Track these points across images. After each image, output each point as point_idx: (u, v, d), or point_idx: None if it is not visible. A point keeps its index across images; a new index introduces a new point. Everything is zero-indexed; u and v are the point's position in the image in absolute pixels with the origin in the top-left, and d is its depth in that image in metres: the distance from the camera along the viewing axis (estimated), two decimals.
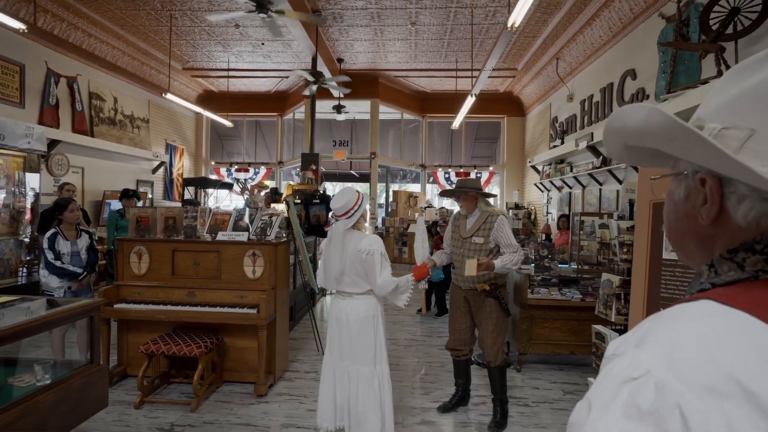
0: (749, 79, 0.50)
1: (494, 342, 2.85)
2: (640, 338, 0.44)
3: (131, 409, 3.00)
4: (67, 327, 3.51)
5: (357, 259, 2.40)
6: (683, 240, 0.57)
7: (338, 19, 6.87)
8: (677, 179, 0.57)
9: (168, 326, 3.50)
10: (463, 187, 2.90)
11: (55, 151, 6.67)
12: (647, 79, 5.30)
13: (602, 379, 0.44)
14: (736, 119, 0.49)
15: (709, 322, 0.42)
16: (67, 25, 6.63)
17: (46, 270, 3.43)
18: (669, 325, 0.44)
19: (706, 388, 0.37)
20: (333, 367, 2.50)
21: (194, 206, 3.99)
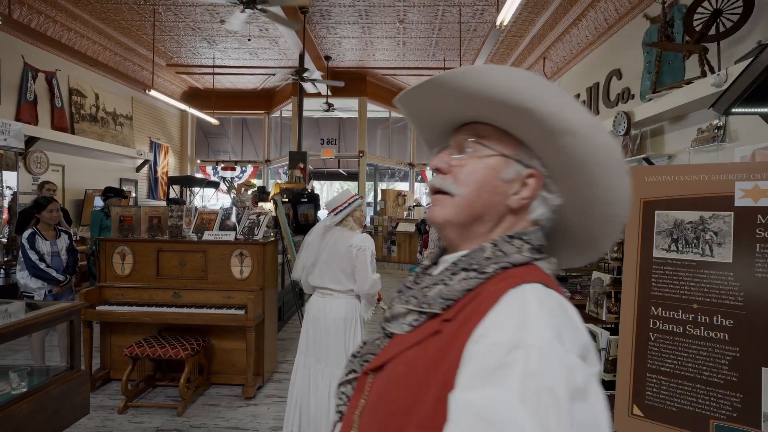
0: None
1: None
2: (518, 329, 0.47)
3: (115, 414, 2.92)
4: (47, 331, 3.40)
5: (346, 254, 2.34)
6: (483, 210, 0.60)
7: (326, 16, 6.80)
8: (506, 161, 0.60)
9: (153, 328, 3.42)
10: None
11: (33, 149, 6.48)
12: (633, 79, 5.36)
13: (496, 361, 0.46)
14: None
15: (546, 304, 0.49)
16: (45, 18, 6.42)
17: (26, 271, 3.31)
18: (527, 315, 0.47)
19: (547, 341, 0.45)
20: (308, 372, 2.38)
21: (179, 205, 3.90)
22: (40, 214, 3.44)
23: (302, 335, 2.46)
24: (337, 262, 2.36)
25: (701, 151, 3.98)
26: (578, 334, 0.48)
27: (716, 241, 1.59)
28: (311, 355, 2.39)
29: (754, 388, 1.46)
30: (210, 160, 11.68)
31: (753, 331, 1.49)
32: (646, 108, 4.53)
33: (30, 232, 3.40)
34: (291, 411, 2.41)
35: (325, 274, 2.38)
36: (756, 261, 1.51)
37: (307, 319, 2.43)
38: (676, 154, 4.40)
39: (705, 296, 1.59)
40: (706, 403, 1.54)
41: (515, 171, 0.59)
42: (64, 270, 3.55)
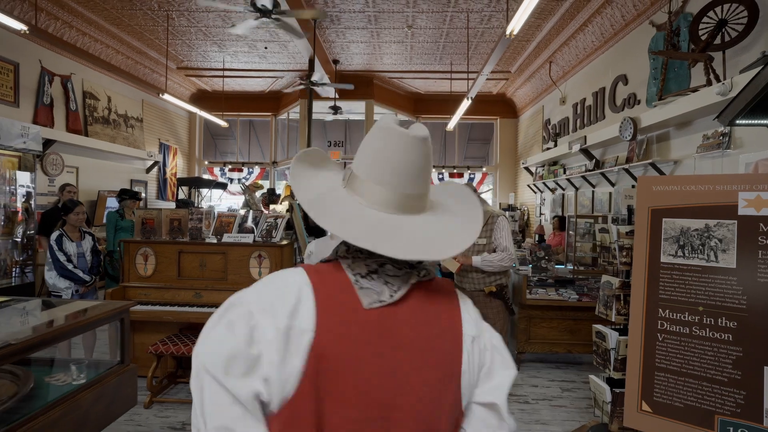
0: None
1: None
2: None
3: (141, 409, 3.05)
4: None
5: None
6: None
7: (335, 21, 6.93)
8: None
9: (174, 327, 3.54)
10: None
11: (49, 151, 6.62)
12: (638, 85, 5.46)
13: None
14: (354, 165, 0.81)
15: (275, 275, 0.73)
16: (62, 23, 6.58)
17: (54, 271, 3.46)
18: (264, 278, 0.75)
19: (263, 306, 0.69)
20: None
21: (190, 207, 4.02)
22: (67, 217, 3.58)
23: None
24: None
25: (706, 157, 4.08)
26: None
27: (721, 248, 1.70)
28: None
29: (757, 385, 1.57)
30: (217, 162, 11.82)
31: (756, 333, 1.60)
32: (652, 114, 4.64)
33: (58, 234, 3.55)
34: None
35: None
36: (758, 266, 1.62)
37: None
38: (682, 159, 4.50)
39: (710, 299, 1.70)
40: (711, 400, 1.65)
41: None
42: (89, 270, 3.70)
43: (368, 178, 0.71)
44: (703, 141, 4.10)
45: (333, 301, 0.66)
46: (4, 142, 5.09)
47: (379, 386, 0.65)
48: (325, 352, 0.63)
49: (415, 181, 0.72)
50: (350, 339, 0.65)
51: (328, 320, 0.64)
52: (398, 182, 0.70)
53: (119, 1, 6.35)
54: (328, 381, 0.63)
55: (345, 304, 0.67)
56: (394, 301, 0.68)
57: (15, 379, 1.44)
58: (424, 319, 0.70)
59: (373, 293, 0.67)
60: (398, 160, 0.70)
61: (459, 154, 11.70)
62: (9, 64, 6.08)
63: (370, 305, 0.67)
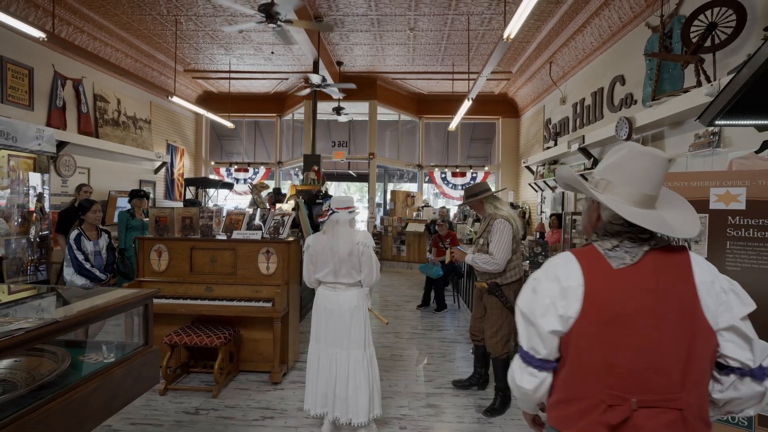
0: (611, 159, 1.15)
1: (493, 335, 3.10)
2: (544, 264, 1.18)
3: (157, 396, 3.23)
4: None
5: (354, 251, 2.64)
6: (585, 225, 1.25)
7: (339, 24, 7.10)
8: (586, 200, 1.24)
9: (186, 320, 3.73)
10: (469, 196, 3.19)
11: (62, 152, 6.84)
12: (635, 85, 5.59)
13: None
14: (605, 175, 1.15)
15: (559, 258, 1.15)
16: (74, 29, 6.79)
17: (72, 269, 3.66)
18: (550, 259, 1.18)
19: (547, 278, 1.12)
20: (321, 355, 2.69)
21: (195, 206, 4.19)
22: (85, 216, 3.78)
23: (315, 325, 2.76)
24: (349, 260, 2.64)
25: (698, 155, 4.21)
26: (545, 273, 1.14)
27: (694, 239, 1.85)
28: (322, 341, 2.70)
29: None
30: (223, 162, 12.03)
31: None
32: (647, 114, 4.77)
33: (76, 233, 3.74)
34: (313, 390, 2.70)
35: (339, 272, 2.66)
36: (726, 256, 1.77)
37: (319, 311, 2.73)
38: (675, 158, 4.63)
39: None
40: None
41: (588, 204, 1.24)
42: (105, 268, 3.90)
43: (626, 185, 1.10)
44: (694, 140, 4.23)
45: (593, 266, 1.07)
46: (20, 144, 5.30)
47: (635, 314, 1.02)
48: (593, 297, 1.05)
49: (659, 187, 1.11)
50: (608, 286, 1.05)
51: (591, 278, 1.06)
52: (651, 187, 1.10)
53: (129, 7, 6.56)
54: (597, 313, 1.04)
55: (601, 268, 1.07)
56: (634, 263, 1.05)
57: (54, 357, 1.62)
58: (662, 271, 1.04)
59: (618, 259, 1.06)
60: (649, 173, 1.09)
61: (461, 154, 11.85)
62: (24, 68, 6.29)
63: (618, 266, 1.05)
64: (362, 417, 2.59)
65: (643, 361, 1.00)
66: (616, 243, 1.09)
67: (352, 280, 2.68)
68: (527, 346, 1.12)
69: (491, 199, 3.15)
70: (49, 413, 1.31)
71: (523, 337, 1.14)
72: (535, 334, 1.10)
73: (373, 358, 2.75)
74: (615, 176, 1.11)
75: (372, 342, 2.79)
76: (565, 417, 1.08)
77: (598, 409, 1.02)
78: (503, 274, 3.07)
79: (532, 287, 1.14)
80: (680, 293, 1.02)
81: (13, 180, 5.37)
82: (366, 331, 2.72)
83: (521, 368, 1.14)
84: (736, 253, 1.74)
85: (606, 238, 1.11)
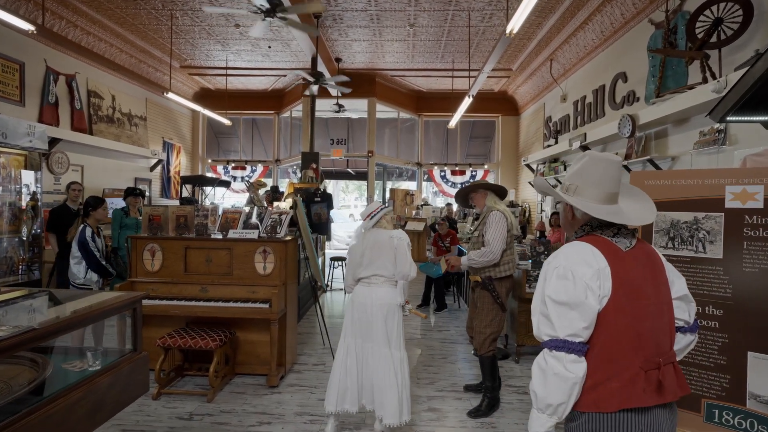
0: (575, 166, 1.35)
1: (480, 332, 3.05)
2: (555, 255, 1.27)
3: (150, 400, 3.14)
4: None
5: (389, 245, 2.71)
6: (565, 226, 1.43)
7: (338, 20, 6.99)
8: (561, 202, 1.41)
9: (180, 321, 3.63)
10: (467, 189, 3.13)
11: (55, 150, 6.72)
12: (637, 82, 5.51)
13: (546, 271, 1.27)
14: (572, 181, 1.34)
15: (575, 246, 1.26)
16: (67, 23, 6.66)
17: (82, 265, 3.61)
18: (564, 249, 1.28)
19: (576, 263, 1.21)
20: (354, 350, 2.68)
21: (192, 204, 4.11)
22: (95, 212, 3.73)
23: (347, 320, 2.77)
24: (382, 252, 2.71)
25: (703, 153, 4.13)
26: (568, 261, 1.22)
27: (708, 239, 1.77)
28: (358, 336, 2.70)
29: (741, 369, 1.64)
30: (221, 160, 11.91)
31: (740, 319, 1.66)
32: (650, 111, 4.69)
33: (91, 231, 3.70)
34: (337, 386, 2.66)
35: (374, 262, 2.71)
36: (744, 257, 1.69)
37: (353, 306, 2.75)
38: (680, 156, 4.55)
39: (698, 288, 1.76)
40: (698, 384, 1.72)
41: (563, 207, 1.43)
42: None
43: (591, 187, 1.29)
44: (699, 137, 4.16)
45: (609, 250, 1.21)
46: (11, 141, 5.18)
47: (644, 287, 1.21)
48: (618, 275, 1.18)
49: (617, 185, 1.31)
50: (625, 265, 1.20)
51: (612, 260, 1.20)
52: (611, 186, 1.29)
53: (123, 1, 6.43)
54: (624, 288, 1.17)
55: (615, 251, 1.22)
56: (632, 247, 1.25)
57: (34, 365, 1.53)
58: (649, 256, 1.27)
59: (623, 243, 1.24)
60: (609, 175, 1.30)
61: (461, 152, 11.76)
62: (14, 63, 6.17)
63: (626, 249, 1.24)
64: (391, 418, 2.54)
65: (657, 326, 1.20)
66: (616, 231, 1.28)
67: (387, 273, 2.72)
68: (566, 333, 1.15)
69: (493, 195, 3.18)
70: (28, 427, 1.21)
71: (561, 326, 1.16)
72: (577, 318, 1.15)
73: (405, 362, 2.70)
74: (581, 180, 1.31)
75: (403, 345, 2.74)
76: (608, 395, 1.14)
77: (639, 377, 1.14)
78: (497, 267, 3.05)
79: (560, 275, 1.20)
80: (659, 270, 1.28)
81: (3, 177, 5.25)
82: (398, 332, 2.72)
83: (562, 359, 1.14)
84: (753, 254, 1.67)
85: (603, 228, 1.28)
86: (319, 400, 3.17)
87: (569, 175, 1.36)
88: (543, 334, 1.20)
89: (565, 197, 1.33)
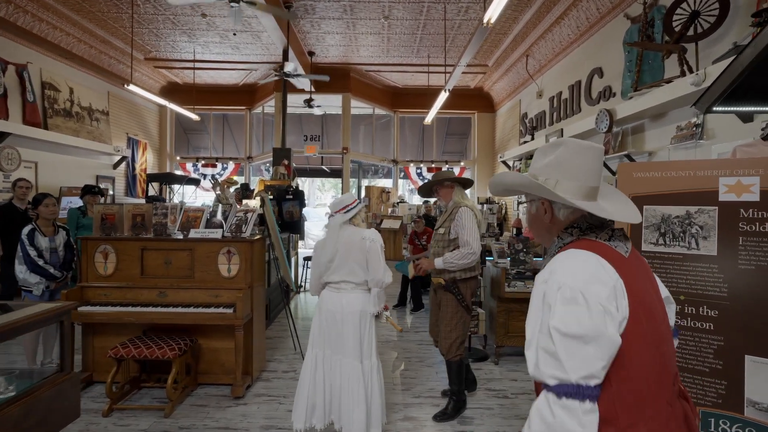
0: (549, 156, 1.10)
1: (446, 336, 2.90)
2: (552, 270, 0.96)
3: (99, 418, 2.85)
4: (41, 332, 3.40)
5: (360, 246, 2.48)
6: (539, 231, 1.17)
7: (310, 11, 6.74)
8: (531, 203, 1.17)
9: (138, 329, 3.34)
10: (435, 180, 2.95)
11: (3, 144, 6.22)
12: (613, 78, 5.49)
13: (546, 293, 0.95)
14: (549, 174, 1.08)
15: (576, 256, 0.97)
16: (14, 8, 6.17)
17: (25, 266, 3.34)
18: (562, 261, 0.97)
19: (587, 281, 0.90)
20: (323, 363, 2.47)
21: (160, 203, 3.82)
22: (38, 210, 3.45)
23: (315, 329, 2.53)
24: (353, 255, 2.47)
25: (680, 148, 4.10)
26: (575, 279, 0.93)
27: (701, 235, 1.65)
28: (327, 347, 2.47)
29: (738, 374, 1.52)
30: (190, 157, 11.44)
31: (736, 321, 1.55)
32: (627, 106, 4.65)
33: (30, 228, 3.47)
34: (305, 401, 2.44)
35: (343, 268, 2.48)
36: (739, 253, 1.58)
37: (320, 314, 2.51)
38: (656, 151, 4.53)
39: (691, 288, 1.65)
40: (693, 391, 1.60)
41: (536, 207, 1.15)
42: (61, 266, 3.53)
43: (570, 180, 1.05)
44: (676, 132, 4.13)
45: (614, 258, 0.97)
46: None
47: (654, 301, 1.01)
48: (632, 289, 0.94)
49: (599, 178, 1.09)
50: (633, 276, 0.97)
51: (621, 270, 0.95)
52: (593, 179, 1.07)
53: None
54: (641, 306, 0.94)
55: (619, 258, 0.98)
56: (630, 252, 1.04)
57: None
58: (641, 260, 1.08)
59: (621, 249, 1.01)
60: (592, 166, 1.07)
61: (437, 149, 11.66)
62: None
63: (626, 253, 1.01)
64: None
65: (671, 347, 1.02)
66: (611, 234, 1.05)
67: (358, 279, 2.50)
68: (581, 375, 0.85)
69: (459, 189, 3.02)
70: None
71: (574, 366, 0.86)
72: (595, 355, 0.86)
73: (375, 371, 2.51)
74: (560, 173, 1.07)
75: (376, 353, 2.55)
76: None
77: (668, 415, 0.94)
78: (463, 269, 2.90)
79: (567, 299, 0.90)
80: (652, 275, 1.12)
81: None
82: (370, 340, 2.51)
83: (576, 411, 0.84)
84: (750, 250, 1.55)
85: (596, 230, 1.05)
86: (287, 411, 2.95)
87: (541, 166, 1.10)
88: (547, 377, 0.89)
89: (558, 194, 1.05)
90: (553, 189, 1.05)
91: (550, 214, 1.10)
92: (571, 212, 1.08)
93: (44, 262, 3.43)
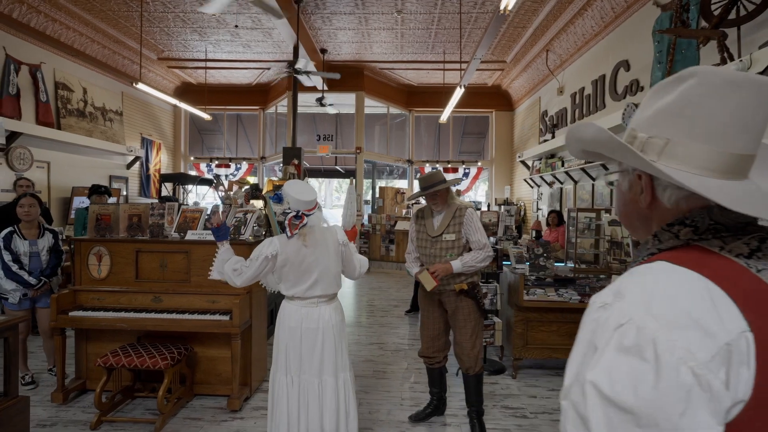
0: (664, 99, 0.63)
1: (473, 346, 2.65)
2: (618, 292, 0.57)
3: (87, 430, 2.68)
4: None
5: (337, 254, 2.27)
6: (630, 219, 0.73)
7: (320, 6, 6.55)
8: (623, 174, 0.72)
9: (132, 335, 3.18)
10: (436, 184, 2.65)
11: (16, 144, 6.21)
12: (641, 70, 5.12)
13: (598, 327, 0.56)
14: (657, 130, 0.63)
15: (667, 277, 0.56)
16: (27, 8, 6.16)
17: (1, 271, 3.16)
18: (639, 280, 0.58)
19: (671, 324, 0.51)
20: (297, 390, 2.16)
21: (165, 203, 3.65)
22: (16, 212, 3.31)
23: (281, 350, 2.20)
24: (328, 260, 2.22)
25: None
26: (655, 318, 0.52)
27: None
28: (305, 371, 2.17)
29: None
30: (204, 157, 11.41)
31: None
32: None
33: (7, 231, 3.31)
34: (278, 429, 2.18)
35: (323, 280, 2.20)
36: None
37: (288, 332, 2.17)
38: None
39: None
40: None
41: (628, 182, 0.71)
42: (42, 271, 3.36)
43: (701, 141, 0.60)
44: None
45: (747, 290, 0.54)
46: None
47: None
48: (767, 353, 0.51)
49: (758, 139, 0.61)
50: None
51: (754, 314, 0.52)
52: (742, 141, 0.60)
53: None
54: None
55: (758, 291, 0.54)
56: None
57: None
58: None
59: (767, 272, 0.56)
60: (743, 116, 0.59)
61: (453, 149, 11.36)
62: None
63: None
64: None
65: None
66: (757, 244, 0.58)
67: (336, 289, 2.29)
68: None
69: (451, 190, 2.80)
70: None
71: None
72: None
73: (350, 384, 2.28)
74: (678, 128, 0.61)
75: (349, 363, 2.31)
76: None
77: None
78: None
79: (628, 346, 0.52)
80: None
81: None
82: (345, 352, 2.28)
83: None
84: None
85: (723, 234, 0.59)
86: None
87: (649, 116, 0.64)
88: None
89: (658, 166, 0.61)
90: (659, 156, 0.62)
91: (649, 194, 0.66)
92: (684, 197, 0.62)
93: (19, 268, 3.24)
